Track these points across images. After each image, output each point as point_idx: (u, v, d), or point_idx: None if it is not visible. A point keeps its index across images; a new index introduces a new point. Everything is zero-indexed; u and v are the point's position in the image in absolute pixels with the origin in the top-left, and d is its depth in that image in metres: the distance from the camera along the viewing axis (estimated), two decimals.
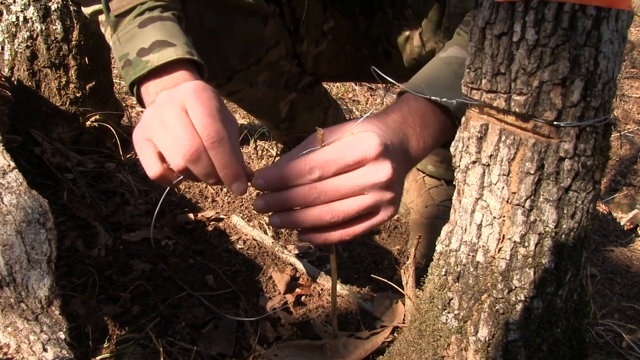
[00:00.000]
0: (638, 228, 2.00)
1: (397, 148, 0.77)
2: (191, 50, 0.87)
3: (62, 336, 0.72)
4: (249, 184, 0.77)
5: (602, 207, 2.11)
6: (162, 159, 0.77)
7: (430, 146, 0.84)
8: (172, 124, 0.73)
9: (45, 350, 0.69)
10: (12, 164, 0.85)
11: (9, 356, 0.67)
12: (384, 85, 2.92)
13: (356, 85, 2.90)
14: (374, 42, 1.42)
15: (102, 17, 0.93)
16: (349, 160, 0.73)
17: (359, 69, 1.52)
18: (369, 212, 0.76)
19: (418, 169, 1.53)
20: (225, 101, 2.13)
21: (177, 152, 0.73)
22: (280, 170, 0.74)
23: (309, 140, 0.77)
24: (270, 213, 0.77)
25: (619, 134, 3.14)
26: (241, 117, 2.14)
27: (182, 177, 0.78)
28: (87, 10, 0.98)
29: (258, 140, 1.90)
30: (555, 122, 0.62)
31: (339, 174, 0.73)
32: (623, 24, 0.60)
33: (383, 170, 0.73)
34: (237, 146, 0.77)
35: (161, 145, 0.75)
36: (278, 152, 1.79)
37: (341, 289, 1.21)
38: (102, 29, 0.98)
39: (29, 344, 0.68)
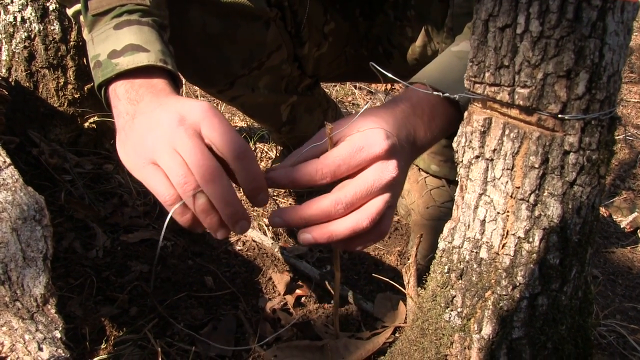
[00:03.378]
0: (638, 231, 1.99)
1: (404, 142, 0.77)
2: (166, 59, 0.83)
3: (58, 335, 0.70)
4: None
5: (602, 210, 2.10)
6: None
7: (437, 137, 0.84)
8: (186, 147, 0.69)
9: (40, 349, 0.67)
10: (8, 161, 0.83)
11: (3, 355, 0.66)
12: (384, 88, 2.92)
13: (356, 88, 2.89)
14: (374, 43, 1.42)
15: (82, 18, 0.89)
16: (359, 161, 0.73)
17: (358, 70, 1.52)
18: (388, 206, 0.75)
19: (421, 170, 1.52)
20: (224, 106, 2.13)
21: (194, 175, 0.69)
22: (291, 175, 0.73)
23: (315, 139, 0.76)
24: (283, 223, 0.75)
25: (620, 137, 3.14)
26: (240, 120, 2.13)
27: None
28: (70, 11, 0.95)
29: (257, 143, 1.90)
30: (559, 115, 0.61)
31: (349, 176, 0.74)
32: (629, 15, 0.59)
33: (391, 168, 0.73)
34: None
35: (169, 168, 0.70)
36: (277, 154, 1.78)
37: (342, 289, 1.20)
38: (83, 30, 0.96)
39: (24, 343, 0.67)
